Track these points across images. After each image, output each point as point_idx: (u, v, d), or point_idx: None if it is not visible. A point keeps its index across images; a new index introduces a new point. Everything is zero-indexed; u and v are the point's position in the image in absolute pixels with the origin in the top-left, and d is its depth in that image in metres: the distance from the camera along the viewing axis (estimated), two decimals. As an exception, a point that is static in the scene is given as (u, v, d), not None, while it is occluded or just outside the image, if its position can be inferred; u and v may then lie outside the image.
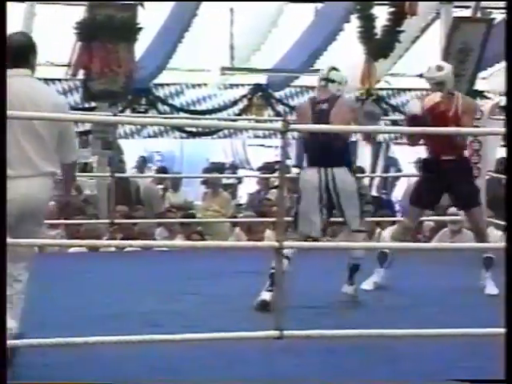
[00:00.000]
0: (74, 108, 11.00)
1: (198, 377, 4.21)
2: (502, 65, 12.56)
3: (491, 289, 6.22)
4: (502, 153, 12.97)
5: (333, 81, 5.96)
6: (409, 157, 13.19)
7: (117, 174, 9.19)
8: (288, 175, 7.74)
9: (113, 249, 8.15)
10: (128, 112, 11.00)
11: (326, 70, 6.04)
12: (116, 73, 9.82)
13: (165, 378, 4.15)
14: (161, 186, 11.85)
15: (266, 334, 4.48)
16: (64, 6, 10.70)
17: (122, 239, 8.24)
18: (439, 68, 6.38)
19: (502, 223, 8.68)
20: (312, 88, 12.61)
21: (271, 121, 11.22)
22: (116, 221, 8.56)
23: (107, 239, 8.31)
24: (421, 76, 11.76)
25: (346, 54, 10.90)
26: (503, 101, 11.51)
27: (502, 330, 4.50)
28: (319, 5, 11.83)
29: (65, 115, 4.36)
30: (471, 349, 4.58)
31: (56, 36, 10.48)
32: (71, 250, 8.03)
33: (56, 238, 8.09)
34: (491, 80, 12.97)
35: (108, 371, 4.19)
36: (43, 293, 5.66)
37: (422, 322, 4.89)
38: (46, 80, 11.30)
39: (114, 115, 8.21)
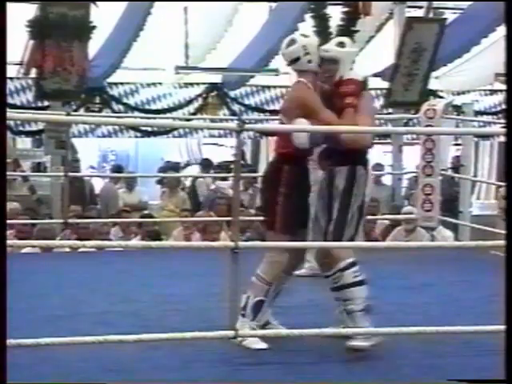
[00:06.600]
0: (26, 107, 10.92)
1: (152, 378, 4.18)
2: (455, 64, 12.71)
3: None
4: (454, 151, 13.14)
5: None
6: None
7: (70, 174, 9.11)
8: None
9: (67, 249, 8.09)
10: (82, 111, 10.92)
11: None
12: (69, 71, 9.75)
13: (119, 379, 4.11)
14: (118, 186, 11.78)
15: (221, 333, 4.47)
16: (16, 3, 10.58)
17: (76, 239, 8.16)
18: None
19: (454, 221, 8.78)
20: (268, 87, 12.70)
21: (226, 120, 11.20)
22: (70, 221, 8.48)
23: (61, 239, 8.23)
24: (376, 75, 11.91)
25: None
26: (456, 100, 11.64)
27: (455, 328, 4.55)
28: (273, 4, 11.86)
29: (18, 115, 4.30)
30: (427, 347, 4.61)
31: (8, 34, 10.35)
32: (24, 250, 7.94)
33: (8, 239, 7.99)
34: (444, 79, 13.11)
35: (61, 372, 4.15)
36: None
37: (379, 320, 4.90)
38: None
39: (68, 114, 8.13)
